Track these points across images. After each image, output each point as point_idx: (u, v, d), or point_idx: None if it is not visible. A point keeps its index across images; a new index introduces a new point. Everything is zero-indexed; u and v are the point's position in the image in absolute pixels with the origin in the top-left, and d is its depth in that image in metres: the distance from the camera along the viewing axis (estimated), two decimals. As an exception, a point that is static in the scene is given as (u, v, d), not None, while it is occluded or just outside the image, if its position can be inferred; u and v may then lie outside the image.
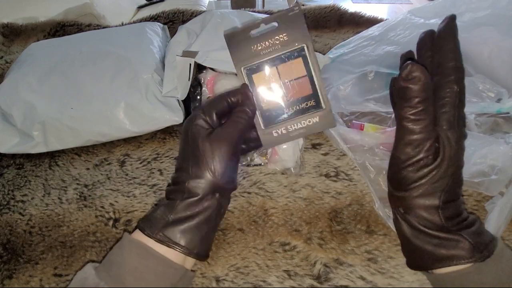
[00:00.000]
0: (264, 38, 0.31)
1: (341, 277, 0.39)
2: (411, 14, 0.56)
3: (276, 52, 0.31)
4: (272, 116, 0.33)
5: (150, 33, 0.67)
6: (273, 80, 0.32)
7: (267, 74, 0.32)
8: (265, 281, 0.39)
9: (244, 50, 0.32)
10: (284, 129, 0.33)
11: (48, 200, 0.50)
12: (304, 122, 0.33)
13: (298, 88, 0.32)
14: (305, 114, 0.33)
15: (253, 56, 0.32)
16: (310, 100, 0.32)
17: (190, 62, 0.55)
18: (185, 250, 0.29)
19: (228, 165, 0.30)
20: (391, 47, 0.53)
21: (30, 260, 0.44)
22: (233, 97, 0.32)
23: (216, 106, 0.32)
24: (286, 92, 0.32)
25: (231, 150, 0.30)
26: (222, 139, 0.30)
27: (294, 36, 0.31)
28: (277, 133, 0.33)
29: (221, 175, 0.30)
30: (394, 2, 2.60)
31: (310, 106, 0.32)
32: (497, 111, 0.47)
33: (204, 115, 0.31)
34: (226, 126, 0.31)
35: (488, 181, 0.41)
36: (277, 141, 0.33)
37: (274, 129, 0.33)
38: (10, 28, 0.89)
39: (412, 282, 0.38)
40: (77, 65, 0.59)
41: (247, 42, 0.31)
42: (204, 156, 0.30)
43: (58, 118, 0.54)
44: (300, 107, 0.32)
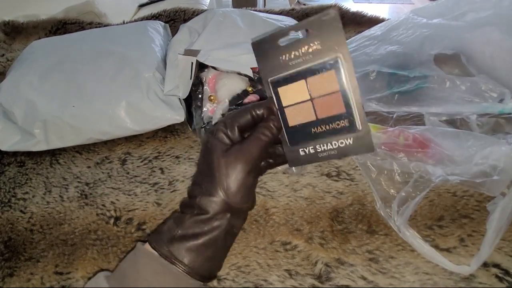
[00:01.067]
0: (294, 47, 0.27)
1: (342, 276, 0.39)
2: (413, 14, 0.56)
3: (306, 63, 0.27)
4: (299, 133, 0.29)
5: (152, 32, 0.67)
6: (302, 94, 0.28)
7: (295, 88, 0.28)
8: (266, 280, 0.39)
9: (271, 60, 0.29)
10: (312, 148, 0.29)
11: (49, 198, 0.50)
12: (336, 143, 0.28)
13: (329, 105, 0.28)
14: (336, 135, 0.28)
15: (281, 67, 0.28)
16: (342, 119, 0.28)
17: (192, 61, 0.55)
18: (188, 269, 0.28)
19: (244, 184, 0.28)
20: (393, 47, 0.53)
21: (31, 258, 0.44)
22: (258, 111, 0.30)
23: (239, 120, 0.30)
24: (315, 109, 0.28)
25: (248, 168, 0.28)
26: (239, 157, 0.28)
27: (328, 45, 0.26)
28: (304, 152, 0.30)
29: (234, 194, 0.28)
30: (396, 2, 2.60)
31: (343, 127, 0.28)
32: (499, 111, 0.47)
33: (226, 128, 0.29)
34: (246, 142, 0.29)
35: (489, 182, 0.41)
36: (304, 160, 0.30)
37: (301, 147, 0.30)
38: (12, 26, 0.89)
39: (413, 282, 0.38)
40: (79, 63, 0.59)
41: (275, 51, 0.28)
42: (218, 173, 0.28)
43: (59, 116, 0.54)
44: (331, 126, 0.28)
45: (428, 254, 0.39)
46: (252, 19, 0.65)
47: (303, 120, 0.29)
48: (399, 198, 0.42)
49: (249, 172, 0.28)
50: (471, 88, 0.47)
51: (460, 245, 0.41)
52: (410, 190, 0.42)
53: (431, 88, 0.49)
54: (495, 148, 0.41)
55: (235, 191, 0.28)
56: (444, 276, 0.38)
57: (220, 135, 0.29)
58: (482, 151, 0.41)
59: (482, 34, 0.48)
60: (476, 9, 0.50)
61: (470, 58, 0.50)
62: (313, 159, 0.30)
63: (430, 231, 0.42)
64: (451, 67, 0.51)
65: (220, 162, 0.28)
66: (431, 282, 0.38)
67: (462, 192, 0.45)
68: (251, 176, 0.29)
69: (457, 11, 0.53)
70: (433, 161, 0.44)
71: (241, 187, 0.28)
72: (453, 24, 0.51)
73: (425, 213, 0.44)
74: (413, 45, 0.52)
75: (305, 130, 0.29)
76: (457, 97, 0.47)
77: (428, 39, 0.52)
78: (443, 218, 0.43)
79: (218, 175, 0.28)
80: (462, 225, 0.42)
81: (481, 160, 0.41)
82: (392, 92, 0.51)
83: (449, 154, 0.43)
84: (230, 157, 0.28)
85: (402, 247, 0.41)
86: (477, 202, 0.44)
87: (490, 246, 0.37)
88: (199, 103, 0.56)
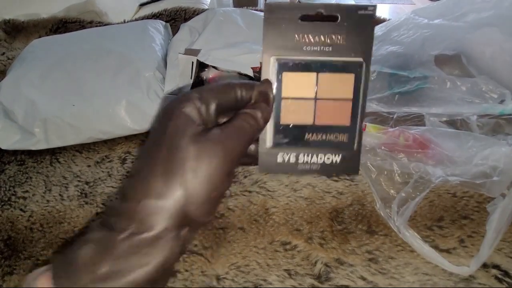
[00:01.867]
0: (315, 30, 0.23)
1: (342, 277, 0.39)
2: (414, 14, 0.56)
3: (324, 55, 0.23)
4: (287, 135, 0.24)
5: (152, 31, 0.67)
6: (307, 89, 0.23)
7: (302, 79, 0.23)
8: (266, 280, 0.39)
9: (284, 35, 0.23)
10: (294, 156, 0.24)
11: (49, 196, 0.50)
12: (322, 157, 0.24)
13: (334, 112, 0.24)
14: (327, 147, 0.24)
15: (293, 48, 0.23)
16: (343, 133, 0.24)
17: (192, 60, 0.55)
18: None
19: (217, 189, 0.19)
20: (394, 47, 0.53)
21: (31, 256, 0.44)
22: (245, 92, 0.22)
23: (220, 96, 0.22)
24: (316, 112, 0.24)
25: (228, 167, 0.20)
26: (218, 147, 0.19)
27: (354, 44, 0.23)
28: (283, 159, 0.24)
29: (200, 203, 0.19)
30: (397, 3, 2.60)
31: (339, 143, 0.24)
32: (499, 112, 0.47)
33: (200, 101, 0.21)
34: (228, 129, 0.20)
35: (490, 183, 0.41)
36: (279, 168, 0.24)
37: (281, 152, 0.24)
38: (12, 24, 0.89)
39: (413, 282, 0.38)
40: (79, 63, 0.59)
41: (292, 26, 0.23)
42: (183, 165, 0.18)
43: (59, 115, 0.54)
44: (327, 137, 0.24)
45: (428, 254, 0.39)
46: (253, 19, 0.65)
47: (298, 121, 0.24)
48: (399, 199, 0.42)
49: (227, 175, 0.20)
50: (472, 89, 0.47)
51: (459, 246, 0.41)
52: (410, 190, 0.42)
53: (432, 89, 0.49)
54: (495, 149, 0.41)
55: (204, 198, 0.19)
56: (444, 276, 0.38)
57: (191, 109, 0.20)
58: (482, 152, 0.41)
59: (482, 35, 0.48)
60: (477, 9, 0.50)
61: (470, 59, 0.50)
62: (289, 170, 0.24)
63: (430, 232, 0.42)
64: (451, 67, 0.51)
65: (189, 149, 0.19)
66: (431, 283, 0.38)
67: (462, 193, 0.45)
68: (226, 182, 0.20)
69: (458, 11, 0.53)
70: (433, 162, 0.44)
71: (212, 192, 0.19)
72: (454, 25, 0.51)
73: (425, 213, 0.44)
74: (413, 46, 0.52)
75: (297, 133, 0.24)
76: (458, 97, 0.47)
77: (428, 40, 0.52)
78: (443, 219, 0.43)
79: (181, 169, 0.18)
80: (462, 226, 0.42)
81: (481, 161, 0.41)
82: (392, 93, 0.51)
83: (449, 155, 0.43)
84: (205, 145, 0.19)
85: (401, 247, 0.41)
86: (477, 203, 0.44)
87: (489, 247, 0.37)
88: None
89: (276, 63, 0.23)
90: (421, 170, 0.43)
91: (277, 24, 0.23)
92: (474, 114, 0.48)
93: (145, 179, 0.19)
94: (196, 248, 0.42)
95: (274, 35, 0.23)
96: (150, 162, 0.19)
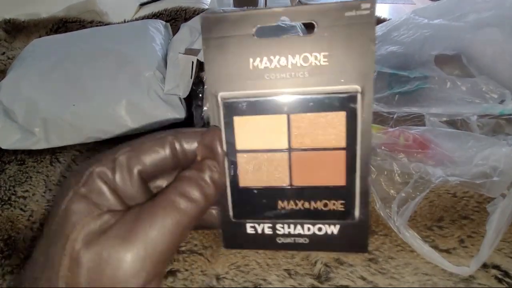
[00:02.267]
0: (281, 47, 0.15)
1: (342, 277, 0.39)
2: (414, 14, 0.56)
3: (296, 84, 0.15)
4: (252, 202, 0.17)
5: (153, 31, 0.67)
6: (275, 138, 0.16)
7: (266, 124, 0.16)
8: (266, 280, 0.39)
9: (232, 60, 0.16)
10: (269, 228, 0.17)
11: (50, 196, 0.50)
12: (311, 228, 0.17)
13: (321, 168, 0.16)
14: (317, 220, 0.17)
15: (247, 79, 0.16)
16: (336, 197, 0.16)
17: (193, 60, 0.55)
18: None
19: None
20: (394, 47, 0.53)
21: (31, 255, 0.44)
22: (187, 144, 0.16)
23: (144, 160, 0.15)
24: (292, 169, 0.16)
25: (146, 279, 0.13)
26: (128, 252, 0.13)
27: (343, 64, 0.15)
28: (254, 231, 0.17)
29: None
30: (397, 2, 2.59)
31: (332, 211, 0.16)
32: (500, 112, 0.47)
33: (113, 174, 0.15)
34: (149, 214, 0.13)
35: (490, 183, 0.41)
36: (251, 243, 0.17)
37: (251, 223, 0.17)
38: (13, 24, 0.89)
39: (412, 282, 0.38)
40: (79, 62, 0.59)
41: (244, 45, 0.15)
42: (68, 285, 0.13)
43: (59, 115, 0.54)
44: (313, 205, 0.16)
45: (428, 254, 0.39)
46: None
47: (267, 182, 0.17)
48: (399, 199, 0.42)
49: (146, 285, 0.13)
50: (472, 89, 0.46)
51: (459, 246, 0.40)
52: (410, 190, 0.42)
53: (432, 89, 0.49)
54: (495, 149, 0.41)
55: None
56: (444, 277, 0.38)
57: (97, 187, 0.14)
58: (482, 152, 0.41)
59: (483, 35, 0.48)
60: (478, 9, 0.50)
61: (471, 59, 0.50)
62: (266, 245, 0.17)
63: (430, 232, 0.42)
64: (452, 67, 0.51)
65: (78, 262, 0.13)
66: (431, 283, 0.38)
67: (462, 193, 0.45)
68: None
69: (459, 11, 0.53)
70: (433, 162, 0.44)
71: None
72: (454, 25, 0.51)
73: (425, 213, 0.44)
74: (414, 46, 0.52)
75: (266, 200, 0.17)
76: (458, 98, 0.47)
77: (429, 40, 0.52)
78: (443, 219, 0.43)
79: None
80: (462, 226, 0.42)
81: (481, 161, 0.41)
82: (392, 93, 0.51)
83: (449, 155, 0.43)
84: (104, 250, 0.13)
85: (401, 247, 0.41)
86: (477, 203, 0.44)
87: (489, 247, 0.37)
88: (200, 102, 0.56)
89: (223, 105, 0.16)
90: (421, 170, 0.43)
91: (222, 46, 0.15)
92: (474, 114, 0.48)
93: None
94: (196, 248, 0.43)
95: (219, 62, 0.16)
96: (30, 272, 0.14)
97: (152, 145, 0.15)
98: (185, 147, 0.16)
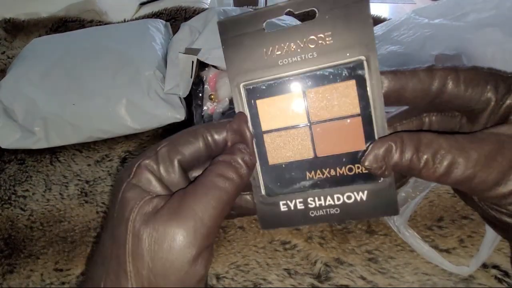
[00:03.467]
0: (289, 35, 0.17)
1: (342, 276, 0.39)
2: (415, 14, 0.56)
3: (307, 64, 0.17)
4: (283, 177, 0.18)
5: (153, 30, 0.67)
6: (295, 115, 0.18)
7: (285, 103, 0.18)
8: (265, 279, 0.39)
9: (248, 54, 0.18)
10: (301, 202, 0.18)
11: (49, 195, 0.50)
12: (340, 197, 0.18)
13: (340, 137, 0.17)
14: (344, 185, 0.18)
15: (264, 67, 0.18)
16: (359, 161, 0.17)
17: (193, 60, 0.55)
18: None
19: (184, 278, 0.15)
20: (394, 47, 0.53)
21: (31, 255, 0.44)
22: (217, 134, 0.17)
23: (183, 151, 0.17)
24: (315, 141, 0.18)
25: (195, 251, 0.15)
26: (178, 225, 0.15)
27: (347, 40, 0.17)
28: (288, 208, 0.18)
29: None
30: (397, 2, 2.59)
31: (357, 174, 0.17)
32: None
33: (157, 165, 0.17)
34: (192, 193, 0.15)
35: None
36: (286, 220, 0.18)
37: (283, 200, 0.18)
38: (13, 23, 0.89)
39: (412, 282, 0.38)
40: (79, 61, 0.59)
41: (257, 39, 0.17)
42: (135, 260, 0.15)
43: (59, 114, 0.54)
44: (338, 172, 0.17)
45: (428, 254, 0.39)
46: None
47: (293, 157, 0.18)
48: (399, 199, 0.42)
49: (196, 257, 0.15)
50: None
51: (459, 246, 0.41)
52: (410, 190, 0.42)
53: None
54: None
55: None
56: (444, 276, 0.38)
57: (144, 177, 0.16)
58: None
59: (483, 35, 0.48)
60: (478, 9, 0.50)
61: (471, 59, 0.50)
62: (300, 220, 0.18)
63: (430, 232, 0.42)
64: (452, 67, 0.51)
65: (139, 238, 0.15)
66: (430, 283, 0.38)
67: (462, 193, 0.45)
68: (199, 264, 0.15)
69: (459, 11, 0.53)
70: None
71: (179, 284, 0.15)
72: (455, 25, 0.51)
73: (424, 213, 0.44)
74: (414, 45, 0.52)
75: (294, 173, 0.18)
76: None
77: (429, 40, 0.52)
78: (442, 219, 0.43)
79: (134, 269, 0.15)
80: (461, 226, 0.42)
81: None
82: (392, 92, 0.51)
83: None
84: (160, 226, 0.15)
85: (401, 247, 0.41)
86: (477, 203, 0.44)
87: (489, 247, 0.37)
88: (200, 102, 0.56)
89: (245, 91, 0.18)
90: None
91: (238, 43, 0.18)
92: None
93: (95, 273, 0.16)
94: (196, 247, 0.43)
95: (237, 57, 0.18)
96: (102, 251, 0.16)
97: (187, 138, 0.17)
98: (215, 137, 0.17)
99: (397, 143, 0.16)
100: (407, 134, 0.16)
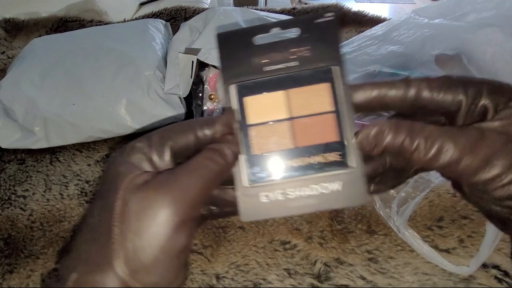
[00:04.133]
0: (274, 48, 0.21)
1: (341, 276, 0.39)
2: (415, 14, 0.56)
3: (289, 70, 0.21)
4: (265, 168, 0.20)
5: (153, 30, 0.67)
6: (278, 110, 0.21)
7: (270, 100, 0.21)
8: (265, 279, 0.40)
9: (239, 61, 0.21)
10: (281, 193, 0.20)
11: (49, 195, 0.50)
12: (317, 188, 0.20)
13: (317, 130, 0.20)
14: (320, 173, 0.20)
15: (252, 72, 0.21)
16: (333, 150, 0.20)
17: (193, 59, 0.55)
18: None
19: (167, 249, 0.16)
20: (394, 47, 0.53)
21: (31, 255, 0.44)
22: (207, 129, 0.19)
23: (175, 138, 0.18)
24: (295, 133, 0.20)
25: (179, 219, 0.16)
26: (164, 195, 0.16)
27: (321, 53, 0.21)
28: (268, 199, 0.20)
29: (147, 269, 0.16)
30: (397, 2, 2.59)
31: (332, 162, 0.20)
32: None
33: (149, 147, 0.18)
34: (180, 170, 0.17)
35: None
36: (265, 211, 0.20)
37: (264, 191, 0.20)
38: (12, 23, 0.89)
39: (412, 282, 0.38)
40: (79, 61, 0.59)
41: (248, 51, 0.21)
42: (120, 226, 0.16)
43: (59, 114, 0.54)
44: (315, 160, 0.20)
45: (428, 254, 0.39)
46: (253, 18, 0.65)
47: (275, 148, 0.20)
48: (399, 199, 0.42)
49: (180, 226, 0.16)
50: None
51: (459, 246, 0.41)
52: (410, 190, 0.42)
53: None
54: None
55: (150, 262, 0.15)
56: (443, 276, 0.38)
57: (137, 156, 0.17)
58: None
59: (483, 35, 0.48)
60: (478, 9, 0.50)
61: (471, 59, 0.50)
62: (279, 211, 0.20)
63: (430, 232, 0.42)
64: (452, 67, 0.51)
65: (128, 204, 0.16)
66: (430, 283, 0.38)
67: (462, 192, 0.45)
68: (182, 233, 0.16)
69: (459, 11, 0.53)
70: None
71: (161, 255, 0.16)
72: (455, 25, 0.51)
73: (424, 213, 0.44)
74: (414, 45, 0.52)
75: (276, 163, 0.20)
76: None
77: (429, 40, 0.52)
78: (442, 219, 0.43)
79: (120, 231, 0.15)
80: (461, 226, 0.42)
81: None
82: (392, 92, 0.51)
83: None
84: (148, 195, 0.16)
85: (401, 247, 0.41)
86: (477, 203, 0.44)
87: (489, 247, 0.37)
88: (200, 101, 0.56)
89: (235, 89, 0.21)
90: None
91: (232, 52, 0.21)
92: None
93: (82, 246, 0.17)
94: (196, 247, 0.43)
95: (230, 64, 0.21)
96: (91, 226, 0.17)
97: (180, 128, 0.19)
98: (206, 131, 0.19)
99: (392, 126, 0.17)
100: (401, 120, 0.18)
